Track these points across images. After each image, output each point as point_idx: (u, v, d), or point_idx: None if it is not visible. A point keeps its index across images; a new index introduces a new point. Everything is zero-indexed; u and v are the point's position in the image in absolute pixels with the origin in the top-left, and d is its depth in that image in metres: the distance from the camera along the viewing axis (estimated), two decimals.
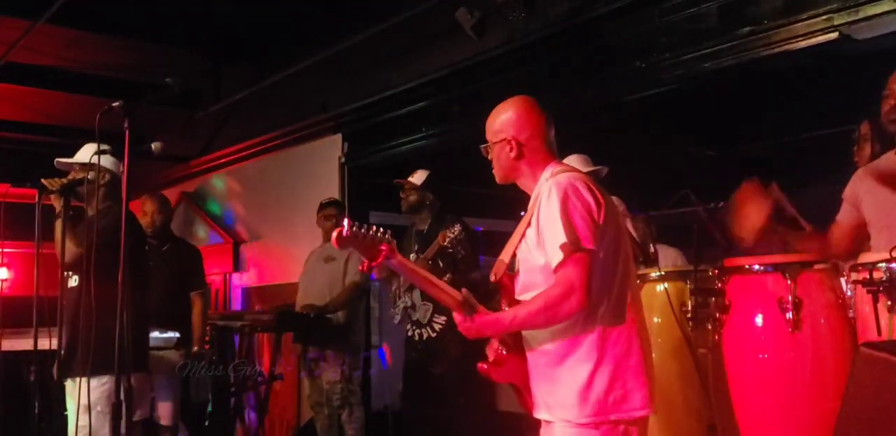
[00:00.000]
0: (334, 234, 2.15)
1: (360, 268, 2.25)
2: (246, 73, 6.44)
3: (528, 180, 2.32)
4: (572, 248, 2.06)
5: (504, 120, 2.33)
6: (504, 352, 2.29)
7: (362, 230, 2.17)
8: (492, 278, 2.37)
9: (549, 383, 2.18)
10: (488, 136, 2.37)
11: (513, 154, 2.29)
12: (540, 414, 2.23)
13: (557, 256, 2.07)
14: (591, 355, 2.11)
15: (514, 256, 2.31)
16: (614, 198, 2.68)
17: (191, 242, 5.65)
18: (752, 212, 2.91)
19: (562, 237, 2.06)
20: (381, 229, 2.22)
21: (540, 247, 2.15)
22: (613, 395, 2.09)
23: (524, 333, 2.24)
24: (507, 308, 2.26)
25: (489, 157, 2.38)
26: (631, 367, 2.11)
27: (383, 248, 2.20)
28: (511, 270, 2.34)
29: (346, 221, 2.16)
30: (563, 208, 2.10)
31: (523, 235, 2.26)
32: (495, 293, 2.44)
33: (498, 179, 2.39)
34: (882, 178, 2.76)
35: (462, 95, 5.16)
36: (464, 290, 2.26)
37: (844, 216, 2.91)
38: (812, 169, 5.17)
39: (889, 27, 3.39)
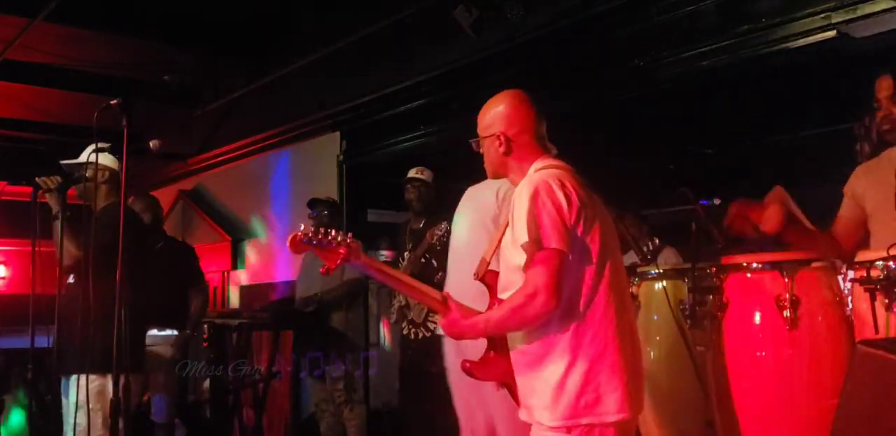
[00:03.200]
0: (289, 239, 2.15)
1: (321, 271, 2.25)
2: (244, 71, 6.43)
3: (517, 176, 2.28)
4: (535, 247, 2.02)
5: (494, 114, 2.31)
6: (491, 352, 2.26)
7: (319, 236, 2.16)
8: (474, 277, 2.36)
9: (527, 384, 2.15)
10: (479, 130, 2.35)
11: (502, 149, 2.27)
12: (521, 415, 2.19)
13: (523, 257, 2.05)
14: (564, 356, 2.06)
15: (495, 253, 2.30)
16: None
17: (183, 241, 5.65)
18: (775, 210, 2.85)
19: (525, 237, 2.04)
20: (342, 232, 2.21)
21: (514, 247, 2.12)
22: (585, 398, 2.03)
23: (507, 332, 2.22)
24: (493, 308, 2.24)
25: (480, 151, 2.36)
26: (605, 369, 2.04)
27: (342, 251, 2.18)
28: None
29: (302, 226, 2.17)
30: (530, 207, 2.05)
31: (503, 232, 2.24)
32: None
33: (489, 174, 2.38)
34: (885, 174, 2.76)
35: (460, 93, 5.16)
36: (446, 292, 2.26)
37: (847, 212, 2.91)
38: (810, 167, 5.18)
39: (887, 25, 3.39)
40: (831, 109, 5.15)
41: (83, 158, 3.62)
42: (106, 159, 3.47)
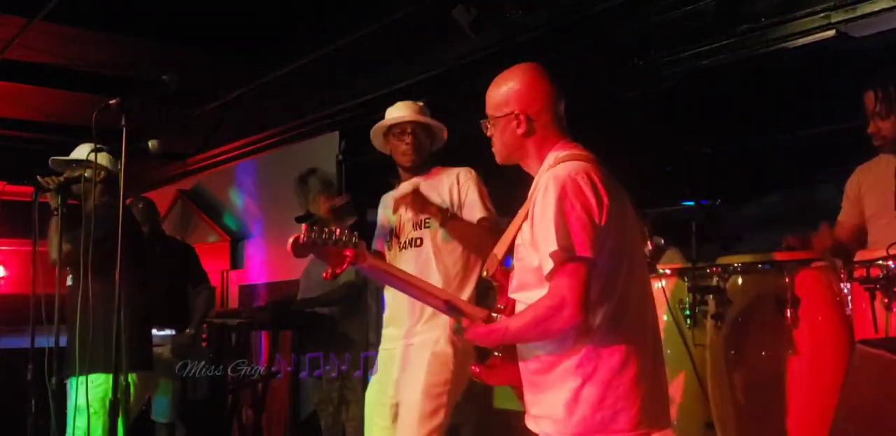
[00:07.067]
0: (290, 241, 2.00)
1: (324, 275, 2.09)
2: (243, 70, 6.42)
3: (533, 162, 2.07)
4: (564, 256, 1.83)
5: (510, 91, 2.06)
6: (498, 355, 2.16)
7: (322, 236, 2.01)
8: (483, 274, 2.24)
9: (536, 392, 2.01)
10: (489, 110, 2.11)
11: (521, 130, 2.04)
12: (528, 423, 2.07)
13: (549, 265, 1.85)
14: (582, 367, 1.90)
15: (508, 250, 2.15)
16: None
17: (182, 240, 5.64)
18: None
19: (554, 243, 1.83)
20: (347, 232, 2.05)
21: (534, 247, 1.94)
22: (602, 413, 1.88)
23: None
24: (501, 306, 2.14)
25: (489, 134, 2.12)
26: (624, 384, 1.89)
27: (348, 253, 2.04)
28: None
29: (303, 228, 2.01)
30: (558, 209, 1.85)
31: (519, 228, 2.04)
32: (489, 291, 2.39)
33: (499, 159, 2.14)
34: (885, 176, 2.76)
35: (459, 93, 5.16)
36: (447, 295, 2.14)
37: (846, 215, 2.91)
38: (809, 167, 5.17)
39: (886, 24, 3.39)
40: (830, 109, 5.14)
41: (74, 156, 3.62)
42: (101, 159, 3.46)
